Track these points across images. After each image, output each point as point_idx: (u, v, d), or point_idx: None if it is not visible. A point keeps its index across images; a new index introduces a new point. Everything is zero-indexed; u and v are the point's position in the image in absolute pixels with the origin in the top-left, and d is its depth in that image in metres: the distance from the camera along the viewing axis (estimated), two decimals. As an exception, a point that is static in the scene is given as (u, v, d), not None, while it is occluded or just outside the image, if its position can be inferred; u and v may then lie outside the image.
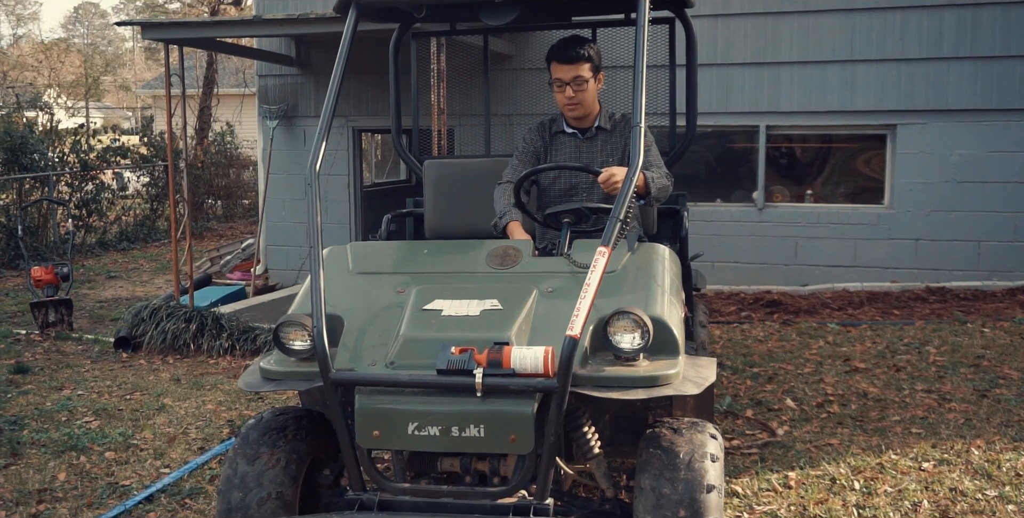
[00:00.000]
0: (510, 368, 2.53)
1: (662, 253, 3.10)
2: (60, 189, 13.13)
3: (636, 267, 2.99)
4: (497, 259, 3.11)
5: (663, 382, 2.61)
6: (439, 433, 2.58)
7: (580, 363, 2.64)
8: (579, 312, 2.49)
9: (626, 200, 2.71)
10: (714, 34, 8.48)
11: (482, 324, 2.74)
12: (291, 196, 9.82)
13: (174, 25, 7.25)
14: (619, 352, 2.66)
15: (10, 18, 56.20)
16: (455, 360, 2.55)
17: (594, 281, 2.54)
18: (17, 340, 7.63)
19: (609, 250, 2.61)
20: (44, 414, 5.46)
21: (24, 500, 4.18)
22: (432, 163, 4.37)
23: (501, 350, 2.55)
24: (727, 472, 4.19)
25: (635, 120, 2.84)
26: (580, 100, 3.69)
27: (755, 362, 6.24)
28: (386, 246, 3.38)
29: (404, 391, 2.62)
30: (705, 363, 2.91)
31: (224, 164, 16.68)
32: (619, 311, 2.66)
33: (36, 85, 23.99)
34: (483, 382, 2.50)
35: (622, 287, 2.89)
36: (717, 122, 8.64)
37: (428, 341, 2.69)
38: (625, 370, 2.64)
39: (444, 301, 2.87)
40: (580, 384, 2.59)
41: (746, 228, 8.67)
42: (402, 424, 2.60)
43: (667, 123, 4.78)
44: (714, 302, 8.31)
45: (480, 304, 2.84)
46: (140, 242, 14.03)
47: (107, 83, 41.37)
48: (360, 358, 2.77)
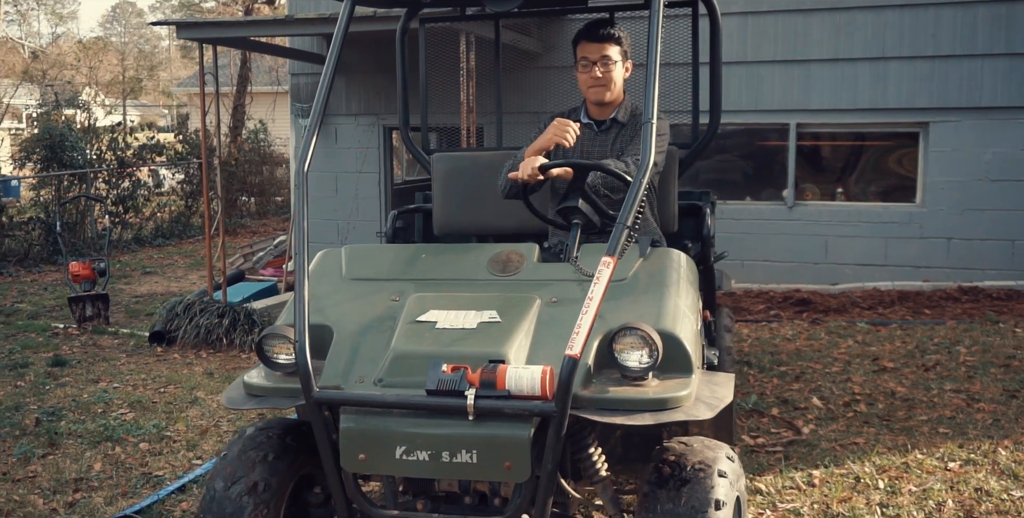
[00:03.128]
0: (505, 389, 2.32)
1: (677, 259, 2.88)
2: (97, 186, 13.37)
3: (648, 275, 2.77)
4: (499, 265, 2.91)
5: (673, 405, 2.40)
6: (428, 458, 2.39)
7: (583, 383, 2.44)
8: (580, 329, 2.28)
9: (634, 204, 2.46)
10: (744, 31, 8.46)
11: (478, 338, 2.55)
12: (322, 193, 9.93)
13: (208, 25, 7.37)
14: (626, 371, 2.46)
15: (49, 17, 57.15)
16: (446, 379, 2.35)
17: (597, 295, 2.32)
18: (55, 334, 7.80)
19: (615, 260, 2.39)
20: (81, 406, 5.60)
21: (61, 489, 4.29)
22: (441, 156, 4.14)
23: (495, 369, 2.35)
24: (751, 470, 4.21)
25: (646, 116, 2.59)
26: (606, 81, 3.43)
27: (783, 361, 6.22)
28: (383, 249, 3.21)
29: (392, 412, 2.43)
30: (722, 381, 2.69)
31: (257, 161, 16.88)
32: (625, 327, 2.46)
33: (74, 83, 24.38)
34: (475, 404, 2.30)
35: (631, 298, 2.69)
36: (747, 120, 8.62)
37: (420, 356, 2.49)
38: (632, 391, 2.43)
39: (439, 312, 2.67)
40: (582, 406, 2.39)
41: (776, 226, 8.63)
42: (389, 447, 2.41)
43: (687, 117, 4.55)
44: (743, 300, 8.29)
45: (477, 316, 2.63)
46: (175, 238, 14.25)
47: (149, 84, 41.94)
48: (348, 374, 2.58)
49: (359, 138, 9.77)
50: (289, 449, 2.77)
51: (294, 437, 2.81)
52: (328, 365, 2.63)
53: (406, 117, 4.57)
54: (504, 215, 3.64)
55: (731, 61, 8.50)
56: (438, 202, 4.05)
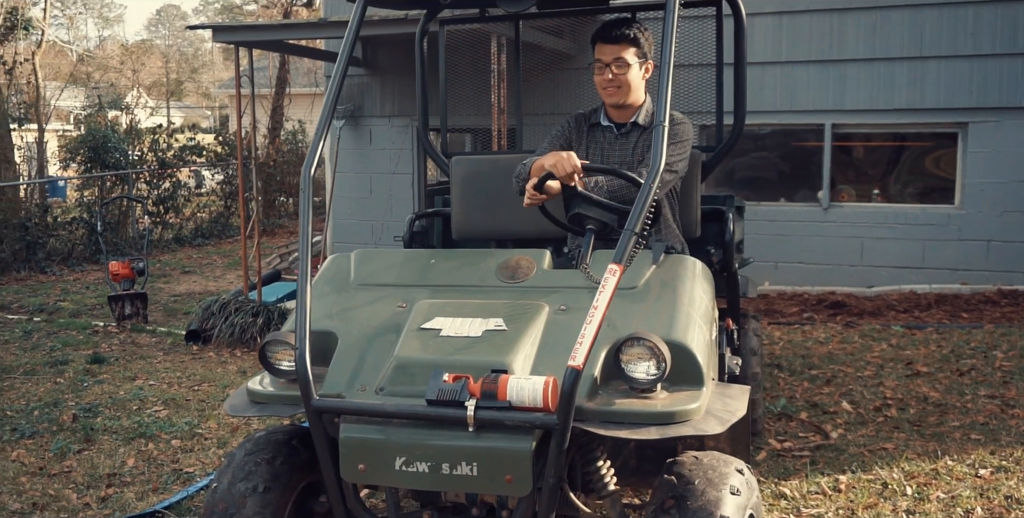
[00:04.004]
0: (506, 400, 2.25)
1: (691, 267, 2.78)
2: (139, 187, 13.63)
3: (660, 283, 2.68)
4: (508, 272, 2.83)
5: (680, 418, 2.32)
6: (428, 470, 2.33)
7: (588, 395, 2.37)
8: (583, 340, 2.22)
9: (643, 210, 2.40)
10: (779, 32, 8.39)
11: (482, 347, 2.48)
12: (357, 194, 10.03)
13: (243, 28, 7.48)
14: (633, 382, 2.38)
15: (97, 21, 58.30)
16: (446, 389, 2.29)
17: (602, 304, 2.26)
18: (95, 332, 7.97)
19: (621, 268, 2.33)
20: (117, 403, 5.71)
21: (94, 484, 4.39)
22: (460, 159, 4.08)
23: (497, 380, 2.28)
24: (776, 474, 4.18)
25: (658, 118, 2.51)
26: (620, 83, 3.33)
27: (814, 364, 6.16)
28: (392, 255, 3.12)
29: (392, 422, 2.37)
30: (736, 393, 2.61)
31: (296, 162, 17.07)
32: (632, 337, 2.37)
33: (118, 86, 24.87)
34: (475, 415, 2.24)
35: (642, 306, 2.61)
36: (781, 121, 8.55)
37: (422, 365, 2.43)
38: (639, 404, 2.35)
39: (445, 319, 2.61)
40: (587, 419, 2.32)
41: (811, 228, 8.55)
42: (389, 458, 2.36)
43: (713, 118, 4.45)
44: (776, 303, 8.22)
45: (483, 323, 2.56)
46: (214, 238, 14.47)
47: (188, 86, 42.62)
48: (350, 382, 2.53)
49: (393, 139, 9.85)
50: (295, 455, 2.73)
51: (302, 443, 2.77)
52: (331, 372, 2.59)
53: (425, 119, 4.53)
54: (524, 219, 3.54)
55: (766, 61, 8.45)
56: (457, 206, 4.00)
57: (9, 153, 12.25)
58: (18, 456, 4.80)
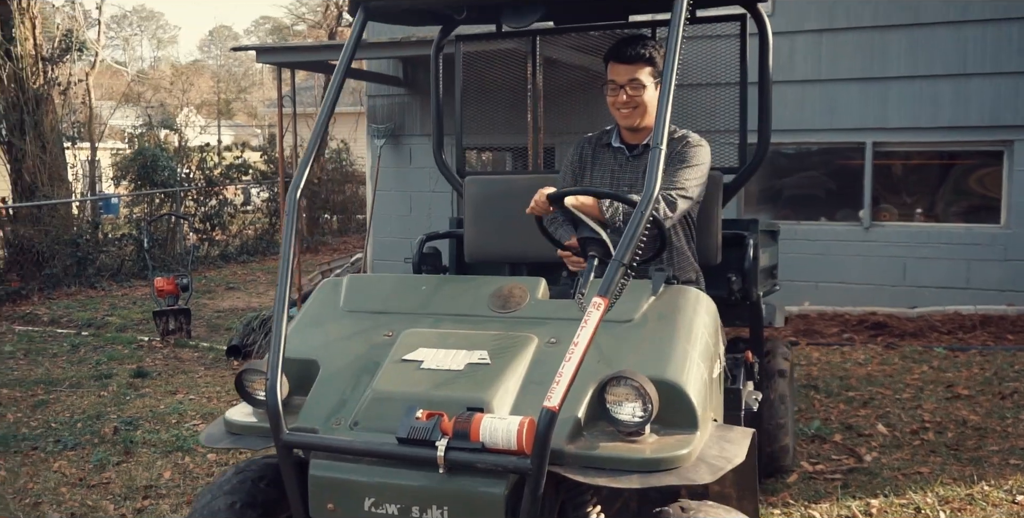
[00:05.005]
0: (479, 441, 2.11)
1: (692, 299, 2.58)
2: (187, 204, 13.93)
3: (657, 316, 2.50)
4: (499, 300, 2.67)
5: (667, 465, 2.14)
6: (398, 513, 2.20)
7: (569, 437, 2.21)
8: (560, 379, 2.05)
9: (633, 240, 2.23)
10: (819, 49, 8.33)
11: (462, 382, 2.34)
12: (397, 212, 10.13)
13: (285, 49, 7.65)
14: (618, 425, 2.22)
15: (151, 42, 59.84)
16: (418, 427, 2.16)
17: (583, 340, 2.09)
18: (140, 346, 8.15)
19: (606, 302, 2.14)
20: (157, 416, 5.83)
21: (131, 495, 4.49)
22: (474, 180, 3.99)
23: (471, 418, 2.14)
24: (807, 497, 4.12)
25: (655, 140, 2.35)
26: (635, 104, 3.21)
27: (852, 385, 6.07)
28: (384, 280, 3.02)
29: (363, 460, 2.25)
30: (736, 437, 2.40)
31: (340, 180, 17.32)
32: (616, 376, 2.21)
33: (167, 105, 25.46)
34: (446, 456, 2.10)
35: (636, 341, 2.43)
36: (822, 139, 8.48)
37: (398, 399, 2.31)
38: (623, 448, 2.18)
39: (429, 350, 2.46)
40: (566, 463, 2.17)
41: (852, 247, 8.44)
42: (358, 498, 2.24)
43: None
44: (816, 323, 8.11)
45: (467, 356, 2.41)
46: (259, 255, 14.71)
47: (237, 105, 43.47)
48: (327, 414, 2.41)
49: (433, 158, 9.93)
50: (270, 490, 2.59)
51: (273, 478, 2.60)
52: (308, 404, 2.48)
53: (440, 138, 4.41)
54: (538, 243, 3.38)
55: (806, 79, 8.40)
56: (469, 227, 3.89)
57: (63, 171, 12.61)
58: (60, 467, 4.92)
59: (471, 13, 3.38)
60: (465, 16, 3.46)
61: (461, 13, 3.44)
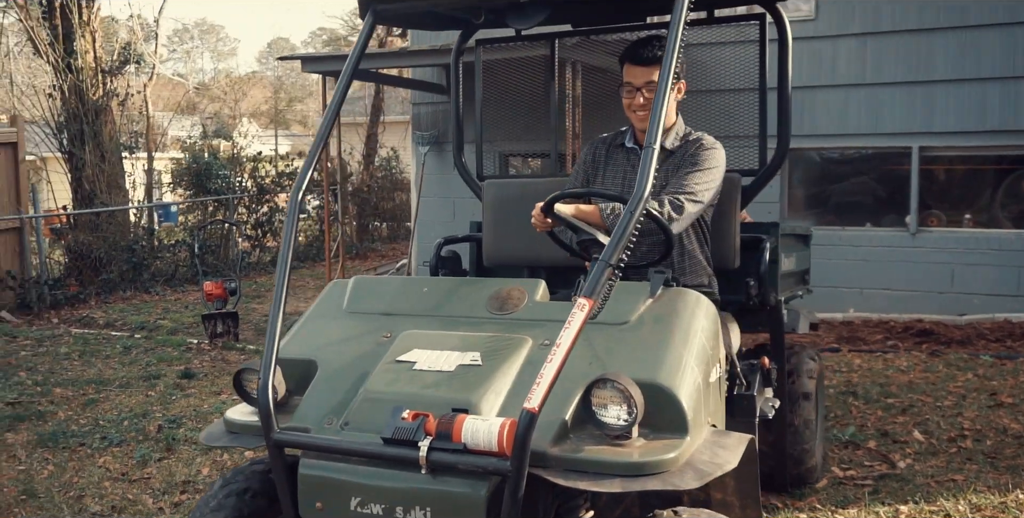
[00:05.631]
0: (461, 442, 2.10)
1: (691, 302, 2.54)
2: (240, 211, 14.24)
3: (654, 319, 2.47)
4: (497, 302, 2.67)
5: (651, 470, 2.10)
6: (383, 512, 2.21)
7: (554, 440, 2.19)
8: (541, 381, 2.04)
9: (621, 240, 2.22)
10: (863, 52, 8.24)
11: (451, 383, 2.34)
12: (441, 219, 10.25)
13: (329, 59, 7.81)
14: (604, 428, 2.18)
15: (212, 54, 61.31)
16: (403, 428, 2.16)
17: (566, 342, 2.08)
18: (189, 348, 8.35)
19: (591, 303, 2.13)
20: (200, 415, 5.99)
21: (170, 490, 4.62)
22: (492, 183, 4.00)
23: (453, 419, 2.13)
24: (835, 502, 4.08)
25: (648, 140, 2.34)
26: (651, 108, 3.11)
27: (892, 392, 5.98)
28: (389, 282, 3.00)
29: (351, 459, 2.27)
30: (731, 443, 2.34)
31: (389, 188, 17.53)
32: (601, 378, 2.18)
33: (220, 115, 26.07)
34: (428, 457, 2.10)
35: (630, 344, 2.41)
36: (867, 144, 8.37)
37: (388, 400, 2.32)
38: (608, 452, 2.15)
39: (423, 352, 2.47)
40: (549, 466, 2.14)
41: (898, 253, 8.31)
42: (345, 498, 2.25)
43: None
44: (860, 330, 8.00)
45: (460, 357, 2.41)
46: (309, 261, 14.96)
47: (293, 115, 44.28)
48: (321, 414, 2.44)
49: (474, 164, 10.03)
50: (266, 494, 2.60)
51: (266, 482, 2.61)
52: (304, 403, 2.51)
53: (460, 142, 4.41)
54: (555, 246, 3.36)
55: (850, 84, 8.32)
56: (488, 231, 3.91)
57: (120, 180, 12.99)
58: (104, 462, 5.08)
59: (479, 16, 3.35)
60: (482, 20, 3.44)
61: (479, 16, 3.43)
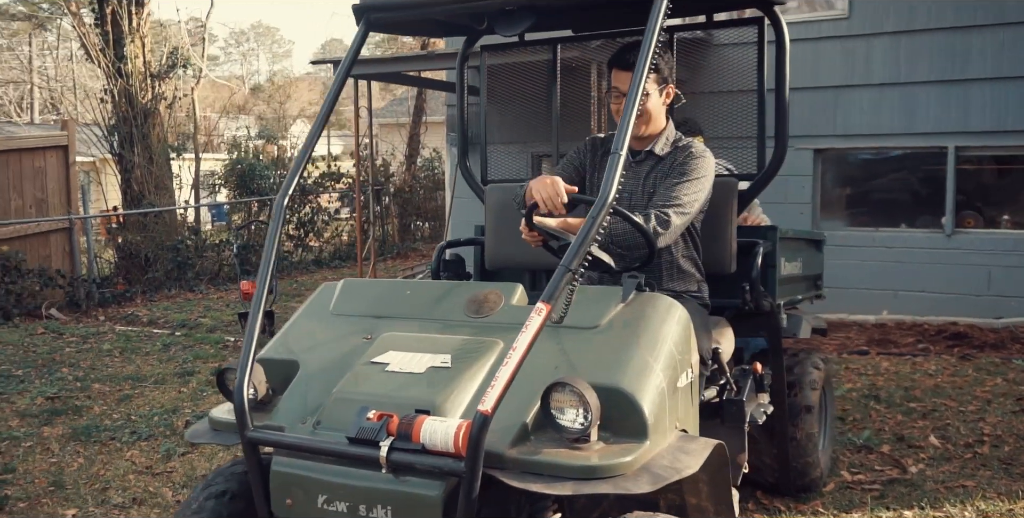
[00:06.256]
0: (419, 443, 2.15)
1: (662, 308, 2.55)
2: (282, 211, 14.50)
3: (623, 323, 2.49)
4: (474, 305, 2.70)
5: (607, 473, 2.11)
6: (347, 510, 2.26)
7: (513, 442, 2.22)
8: (496, 383, 2.08)
9: (582, 246, 2.26)
10: (896, 51, 8.11)
11: (419, 384, 2.38)
12: (475, 219, 10.26)
13: (359, 62, 7.93)
14: (562, 431, 2.20)
15: (268, 56, 62.34)
16: (367, 428, 2.21)
17: (522, 345, 2.12)
18: (225, 346, 8.56)
19: (548, 307, 2.17)
20: (227, 411, 6.15)
21: (189, 483, 4.77)
22: (495, 188, 4.04)
23: (414, 420, 2.18)
24: (839, 506, 4.07)
25: (615, 146, 2.34)
26: (639, 113, 2.96)
27: (915, 397, 5.90)
28: (376, 285, 3.06)
29: (320, 458, 2.33)
30: (695, 448, 2.36)
31: (431, 188, 17.69)
32: (558, 382, 2.19)
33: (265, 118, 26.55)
34: (388, 456, 2.15)
35: (597, 348, 2.43)
36: (901, 144, 8.24)
37: (357, 400, 2.37)
38: (565, 454, 2.16)
39: (397, 353, 2.52)
40: (506, 467, 2.17)
41: (933, 255, 8.16)
42: (312, 495, 2.32)
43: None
44: (893, 333, 7.89)
45: (431, 359, 2.45)
46: (351, 261, 15.18)
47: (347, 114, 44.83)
48: (296, 414, 2.49)
49: (508, 165, 10.09)
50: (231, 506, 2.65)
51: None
52: (282, 402, 2.57)
53: (465, 147, 4.44)
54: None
55: (883, 83, 8.20)
56: (490, 235, 3.93)
57: (168, 181, 13.35)
58: (131, 456, 5.26)
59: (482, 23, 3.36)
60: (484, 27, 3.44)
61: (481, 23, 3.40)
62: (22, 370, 7.54)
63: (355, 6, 3.17)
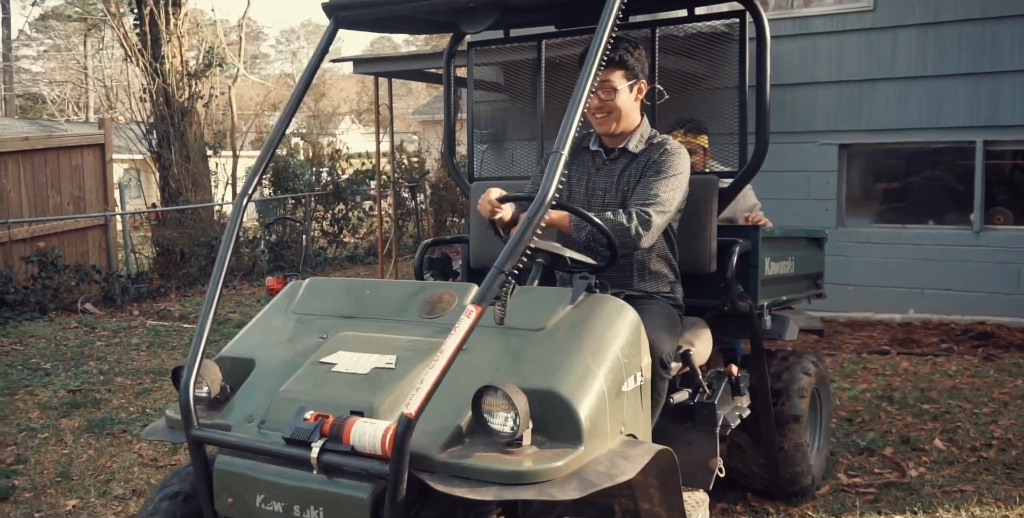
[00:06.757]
0: (349, 444, 2.15)
1: (610, 310, 2.52)
2: (317, 208, 14.67)
3: (569, 325, 2.45)
4: (427, 306, 2.67)
5: (532, 479, 2.08)
6: (282, 510, 2.27)
7: (445, 445, 2.20)
8: (421, 386, 2.07)
9: (516, 247, 2.24)
10: (923, 44, 7.92)
11: (360, 386, 2.37)
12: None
13: (378, 60, 8.00)
14: (493, 435, 2.18)
15: (317, 54, 62.71)
16: (302, 429, 2.21)
17: (449, 348, 2.10)
18: (249, 341, 8.71)
19: (478, 309, 2.16)
20: (238, 406, 6.24)
21: (189, 477, 4.86)
22: (479, 185, 3.97)
23: (345, 421, 2.18)
24: (830, 510, 4.00)
25: (556, 145, 2.32)
26: (609, 110, 3.10)
27: (930, 398, 5.76)
28: (338, 284, 3.04)
29: (261, 457, 2.33)
30: (636, 454, 2.31)
31: (466, 185, 17.73)
32: (488, 385, 2.17)
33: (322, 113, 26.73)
34: (319, 458, 2.16)
35: (539, 351, 2.40)
36: (928, 138, 8.05)
37: (299, 401, 2.37)
38: (493, 459, 2.14)
39: (346, 353, 2.50)
40: (436, 471, 2.16)
41: (961, 252, 7.96)
42: (252, 495, 2.32)
43: None
44: (917, 332, 7.72)
45: (377, 360, 2.44)
46: (386, 257, 15.30)
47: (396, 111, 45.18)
48: (244, 413, 2.50)
49: (533, 162, 10.08)
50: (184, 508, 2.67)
51: None
52: (233, 401, 2.59)
53: (452, 144, 4.43)
54: None
55: (909, 76, 8.02)
56: (474, 233, 3.89)
57: (204, 179, 13.58)
58: (140, 449, 5.37)
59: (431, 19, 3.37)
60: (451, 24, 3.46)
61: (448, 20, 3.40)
62: (50, 363, 7.74)
63: (324, 5, 3.20)
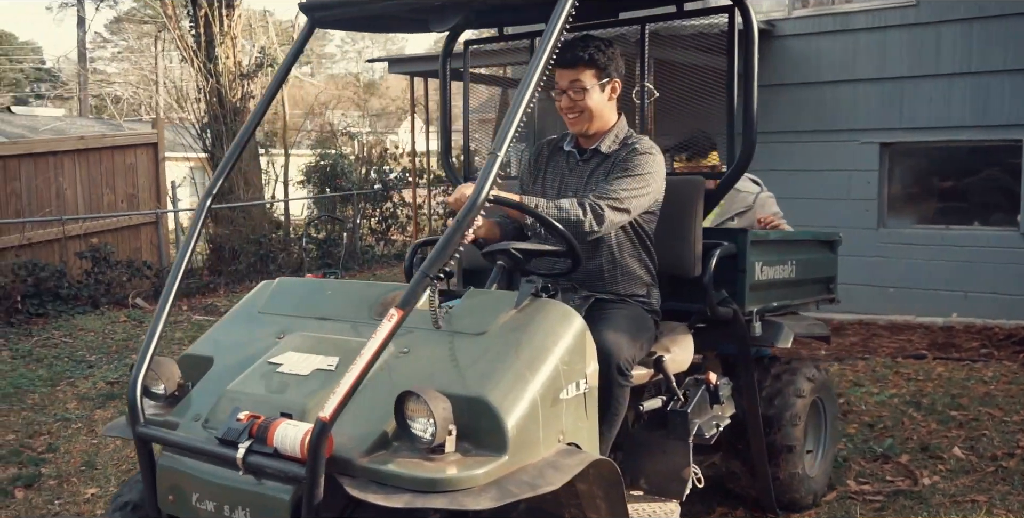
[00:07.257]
0: (273, 446, 2.17)
1: (553, 315, 2.48)
2: (365, 207, 14.86)
3: (509, 330, 2.42)
4: (381, 308, 2.65)
5: (446, 487, 2.06)
6: (213, 509, 2.29)
7: (369, 450, 2.19)
8: (337, 391, 2.08)
9: (442, 251, 2.25)
10: (968, 39, 7.70)
11: (297, 387, 2.39)
12: (537, 214, 10.34)
13: (412, 60, 8.07)
14: (415, 441, 2.16)
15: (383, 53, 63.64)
16: (232, 429, 2.24)
17: (368, 352, 2.11)
18: (287, 337, 8.87)
19: (400, 313, 2.16)
20: (265, 401, 6.36)
21: (206, 470, 4.97)
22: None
23: (271, 423, 2.21)
24: (837, 516, 3.92)
25: (493, 147, 2.32)
26: (580, 109, 3.07)
27: (960, 405, 5.59)
28: (305, 284, 3.03)
29: (199, 456, 2.35)
30: (568, 464, 2.27)
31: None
32: (409, 390, 2.15)
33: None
34: (244, 459, 2.18)
35: (475, 356, 2.37)
36: (971, 137, 7.82)
37: (239, 401, 2.40)
38: (412, 465, 2.12)
39: (295, 354, 2.51)
40: (356, 475, 2.15)
41: (1006, 254, 7.72)
42: (189, 493, 2.35)
43: None
44: (958, 336, 7.50)
45: (321, 361, 2.44)
46: (425, 257, 15.46)
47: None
48: (193, 411, 2.52)
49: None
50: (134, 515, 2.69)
51: None
52: (186, 399, 2.62)
53: (448, 144, 4.43)
54: None
55: (953, 73, 7.79)
56: None
57: (255, 177, 13.86)
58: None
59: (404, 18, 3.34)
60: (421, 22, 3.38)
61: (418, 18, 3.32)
62: (95, 356, 8.00)
63: (301, 4, 3.25)
